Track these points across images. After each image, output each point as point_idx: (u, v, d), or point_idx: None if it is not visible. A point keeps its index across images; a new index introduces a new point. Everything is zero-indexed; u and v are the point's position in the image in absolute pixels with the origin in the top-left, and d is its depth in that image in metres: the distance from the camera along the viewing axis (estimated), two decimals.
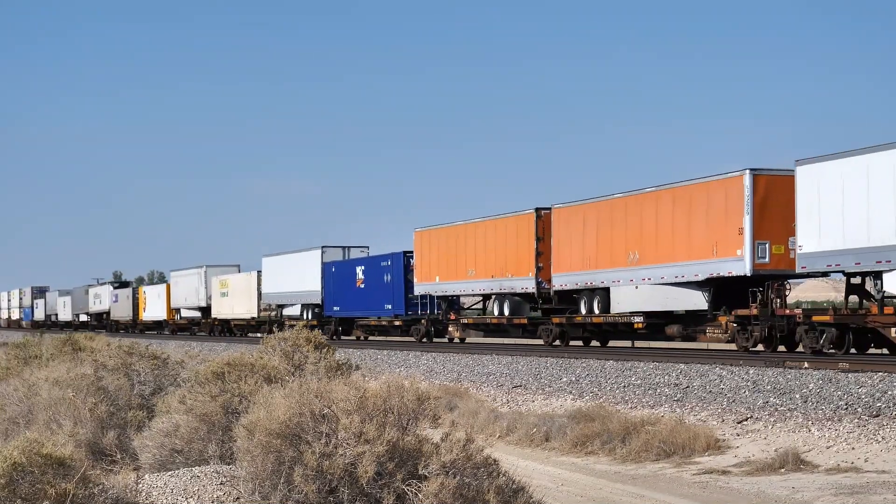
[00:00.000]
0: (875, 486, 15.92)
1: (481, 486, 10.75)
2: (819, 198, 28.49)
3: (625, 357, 31.17)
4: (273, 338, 17.47)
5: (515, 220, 42.26)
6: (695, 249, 32.90)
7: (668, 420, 21.64)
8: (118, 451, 14.93)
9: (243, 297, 69.88)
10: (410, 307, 50.85)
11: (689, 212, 33.25)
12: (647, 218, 35.07)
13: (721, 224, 31.85)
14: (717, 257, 31.91)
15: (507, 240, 42.54)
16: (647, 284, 35.22)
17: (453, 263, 46.26)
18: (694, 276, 32.91)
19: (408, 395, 11.17)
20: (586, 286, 38.24)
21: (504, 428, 23.54)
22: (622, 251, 36.24)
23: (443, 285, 47.23)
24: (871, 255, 27.07)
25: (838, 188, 27.92)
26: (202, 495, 11.76)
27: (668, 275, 34.11)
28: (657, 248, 34.53)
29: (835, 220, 28.03)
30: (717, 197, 32.05)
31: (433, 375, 34.48)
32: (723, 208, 31.82)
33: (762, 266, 30.82)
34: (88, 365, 19.95)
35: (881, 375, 22.00)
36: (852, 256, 27.64)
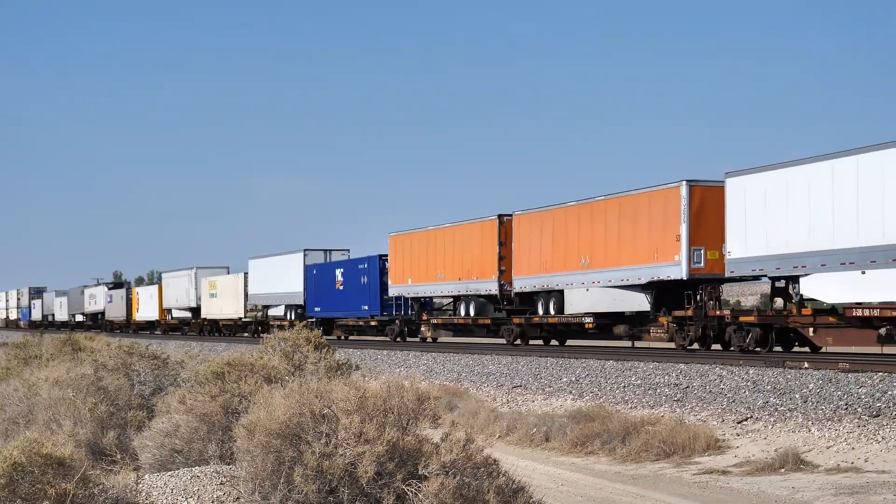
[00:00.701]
0: (875, 486, 15.93)
1: (481, 486, 10.75)
2: (745, 207, 30.94)
3: (625, 357, 31.18)
4: (273, 338, 17.49)
5: (480, 226, 44.78)
6: (638, 255, 35.12)
7: (668, 420, 21.64)
8: (118, 451, 14.93)
9: (231, 298, 72.10)
10: (386, 308, 53.04)
11: (634, 220, 35.53)
12: (597, 225, 37.39)
13: (661, 231, 34.10)
14: (658, 262, 34.18)
15: (473, 244, 45.04)
16: (597, 287, 37.48)
17: (424, 266, 48.56)
18: (638, 279, 35.20)
19: (408, 395, 11.17)
20: (543, 288, 40.59)
21: (504, 428, 23.54)
22: (575, 256, 38.62)
23: (415, 287, 49.59)
24: (790, 260, 29.51)
25: (762, 199, 30.45)
26: (202, 495, 11.76)
27: (615, 278, 36.43)
28: (606, 254, 36.88)
29: (759, 229, 30.46)
30: (658, 206, 34.32)
31: (433, 375, 34.49)
32: (662, 217, 34.07)
33: (698, 270, 33.05)
34: (88, 365, 19.95)
35: (881, 375, 22.01)
36: (774, 262, 30.07)
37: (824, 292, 29.07)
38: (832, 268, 28.35)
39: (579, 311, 38.93)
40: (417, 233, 49.94)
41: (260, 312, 68.63)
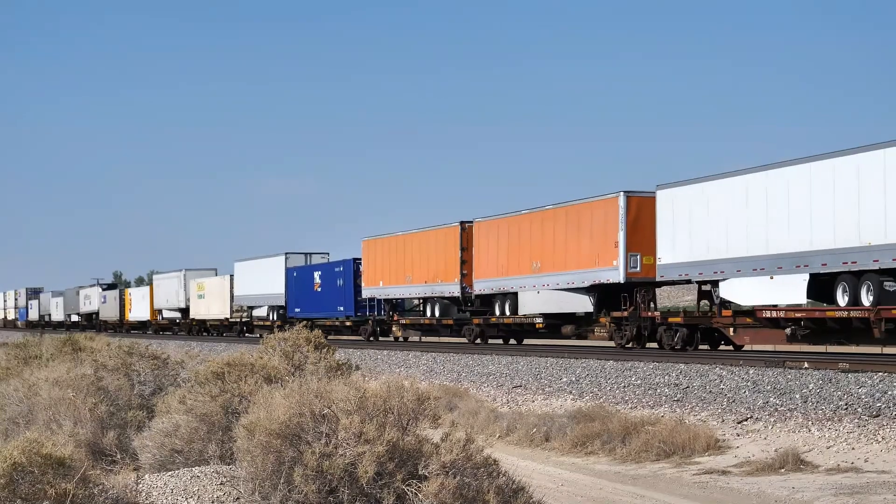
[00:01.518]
0: (875, 486, 15.93)
1: (481, 486, 10.75)
2: (673, 217, 33.85)
3: (625, 357, 31.19)
4: (273, 338, 17.49)
5: (444, 232, 47.44)
6: (582, 260, 37.84)
7: (668, 420, 21.64)
8: (118, 451, 14.94)
9: (218, 299, 74.59)
10: (360, 309, 55.82)
11: (578, 227, 38.28)
12: (547, 232, 40.14)
13: (601, 238, 36.80)
14: (599, 267, 36.84)
15: (438, 249, 47.67)
16: (547, 290, 40.10)
17: (395, 270, 51.41)
18: (582, 282, 37.92)
19: (408, 395, 11.17)
20: (500, 291, 43.42)
21: (504, 428, 23.54)
22: (527, 261, 41.22)
23: (386, 289, 52.42)
24: (710, 266, 32.31)
25: (687, 210, 33.33)
26: (202, 495, 11.77)
27: (562, 282, 39.12)
28: (554, 259, 39.52)
29: (684, 237, 33.37)
30: (599, 215, 37.08)
31: (433, 375, 34.49)
32: (603, 225, 36.75)
33: (634, 274, 35.75)
34: (88, 365, 19.97)
35: (881, 375, 22.00)
36: (697, 268, 32.89)
37: (740, 295, 31.61)
38: (746, 273, 30.89)
39: (531, 312, 41.59)
40: (388, 238, 52.76)
41: (245, 313, 71.33)
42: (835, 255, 27.90)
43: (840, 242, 27.72)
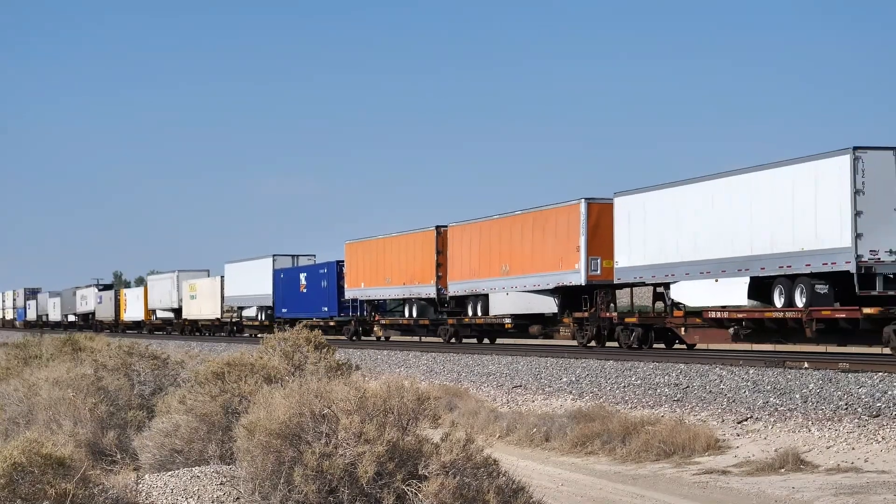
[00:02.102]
0: (875, 486, 15.93)
1: (481, 486, 10.75)
2: (629, 223, 35.82)
3: (625, 357, 31.20)
4: (273, 338, 17.49)
5: (421, 236, 49.65)
6: (547, 263, 39.80)
7: (668, 420, 21.64)
8: (118, 451, 14.94)
9: (209, 299, 76.96)
10: (343, 309, 58.20)
11: (544, 232, 40.25)
12: (515, 236, 42.18)
13: (565, 242, 38.81)
14: (562, 270, 38.85)
15: (415, 252, 49.90)
16: (515, 292, 42.42)
17: (375, 272, 53.76)
18: (547, 285, 40.01)
19: (408, 395, 11.17)
20: (472, 293, 45.66)
21: (504, 428, 23.54)
22: (497, 264, 43.33)
23: (367, 291, 54.83)
24: (662, 270, 34.31)
25: (641, 216, 35.35)
26: (202, 495, 11.77)
27: (529, 284, 41.18)
28: (522, 262, 41.56)
29: (639, 241, 35.36)
30: (562, 220, 39.11)
31: (433, 375, 34.50)
32: (566, 230, 38.81)
33: (594, 277, 37.72)
34: (88, 365, 19.96)
35: (881, 375, 22.01)
36: (650, 271, 34.93)
37: (688, 297, 34.01)
38: (694, 276, 33.09)
39: (501, 313, 43.99)
40: (369, 241, 55.23)
41: (235, 313, 73.70)
42: (772, 259, 29.91)
43: (777, 248, 29.74)
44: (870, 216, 27.52)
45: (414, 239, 50.35)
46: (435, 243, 48.17)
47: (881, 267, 27.59)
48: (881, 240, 27.56)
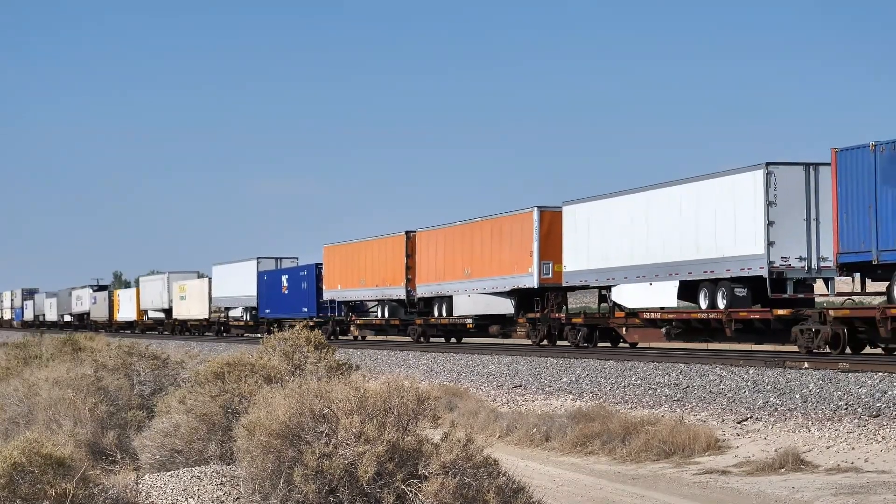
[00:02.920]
0: (875, 486, 15.92)
1: (481, 486, 10.75)
2: (575, 230, 38.59)
3: (625, 357, 31.20)
4: (273, 338, 17.49)
5: (392, 241, 52.47)
6: (504, 267, 42.44)
7: (668, 420, 21.63)
8: (118, 451, 14.94)
9: (198, 300, 79.80)
10: (321, 310, 60.67)
11: (501, 238, 42.92)
12: (476, 242, 45.00)
13: (519, 248, 41.40)
14: (518, 273, 41.48)
15: (387, 256, 52.72)
16: (476, 294, 45.26)
17: (351, 274, 56.64)
18: (504, 287, 42.76)
19: (408, 395, 11.17)
20: (438, 294, 48.37)
21: (504, 428, 23.53)
22: (460, 267, 46.02)
23: (343, 292, 57.77)
24: (604, 274, 37.07)
25: (586, 224, 38.07)
26: (202, 495, 11.77)
27: (488, 286, 43.95)
28: (482, 266, 44.28)
29: (584, 247, 38.06)
30: (517, 227, 41.77)
31: (433, 375, 34.49)
32: (520, 236, 41.43)
33: (546, 280, 40.32)
34: (88, 365, 19.96)
35: (881, 375, 22.00)
36: (594, 275, 37.72)
37: (627, 299, 36.33)
38: (631, 280, 35.74)
39: (464, 314, 46.87)
40: (345, 245, 58.26)
41: (222, 313, 76.72)
42: (698, 265, 32.68)
43: (701, 254, 32.50)
44: (781, 226, 30.22)
45: (385, 243, 53.15)
46: (405, 247, 50.88)
47: (791, 272, 30.34)
48: (791, 247, 30.25)
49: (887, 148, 26.39)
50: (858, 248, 27.28)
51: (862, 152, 27.08)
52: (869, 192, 26.83)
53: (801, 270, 30.38)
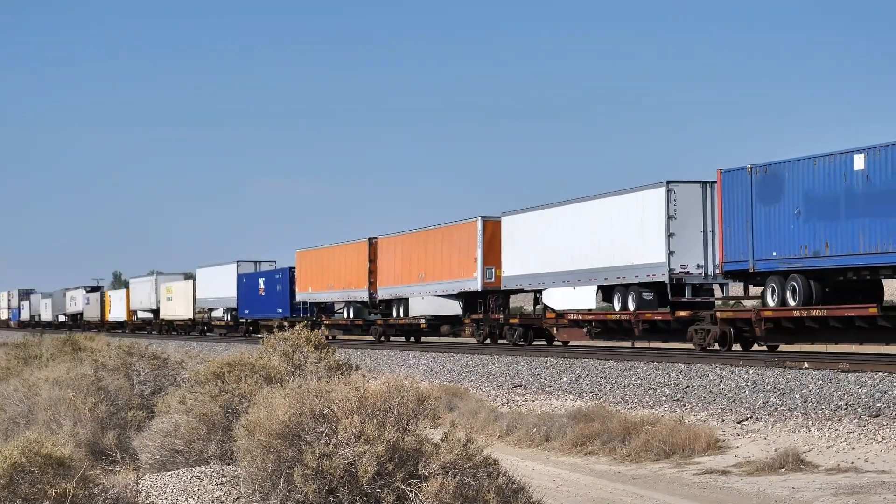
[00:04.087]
0: (875, 486, 15.93)
1: (481, 486, 10.75)
2: (512, 239, 42.49)
3: (625, 357, 31.19)
4: (273, 338, 17.47)
5: (356, 246, 56.08)
6: (453, 272, 46.27)
7: (668, 420, 21.63)
8: (118, 451, 14.94)
9: (183, 301, 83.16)
10: (295, 311, 63.71)
11: (450, 245, 46.64)
12: (429, 248, 48.59)
13: (466, 254, 45.29)
14: (464, 278, 45.38)
15: (352, 261, 56.40)
16: (429, 296, 48.84)
17: (320, 278, 60.19)
18: (452, 290, 46.64)
19: (408, 395, 11.17)
20: (396, 297, 52.10)
21: (504, 428, 23.53)
22: (416, 272, 49.77)
23: (314, 294, 61.36)
24: (536, 279, 40.87)
25: (520, 233, 42.07)
26: (202, 495, 11.77)
27: (439, 290, 47.70)
28: (434, 270, 47.95)
29: (519, 255, 41.96)
30: (464, 235, 45.65)
31: (433, 375, 34.49)
32: (466, 243, 45.29)
33: (489, 284, 44.10)
34: (88, 365, 19.95)
35: (881, 375, 21.99)
36: (528, 279, 41.56)
37: (555, 302, 39.89)
38: (558, 284, 39.37)
39: (418, 315, 50.52)
40: (315, 250, 62.01)
41: (206, 314, 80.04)
42: (612, 271, 36.47)
43: (615, 262, 36.25)
44: (681, 237, 33.90)
45: (351, 249, 56.88)
46: (367, 253, 54.61)
47: (689, 278, 34.16)
48: (690, 256, 33.96)
49: (760, 171, 30.30)
50: (739, 258, 31.13)
51: (741, 173, 30.91)
52: (746, 209, 30.72)
53: (698, 276, 34.09)
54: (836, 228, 27.94)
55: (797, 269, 29.27)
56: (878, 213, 26.81)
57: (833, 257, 28.14)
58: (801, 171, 29.06)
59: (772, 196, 29.96)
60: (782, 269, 29.73)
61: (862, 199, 27.20)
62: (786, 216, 29.46)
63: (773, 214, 29.83)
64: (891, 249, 26.61)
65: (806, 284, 29.09)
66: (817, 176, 28.56)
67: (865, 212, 27.17)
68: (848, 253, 27.69)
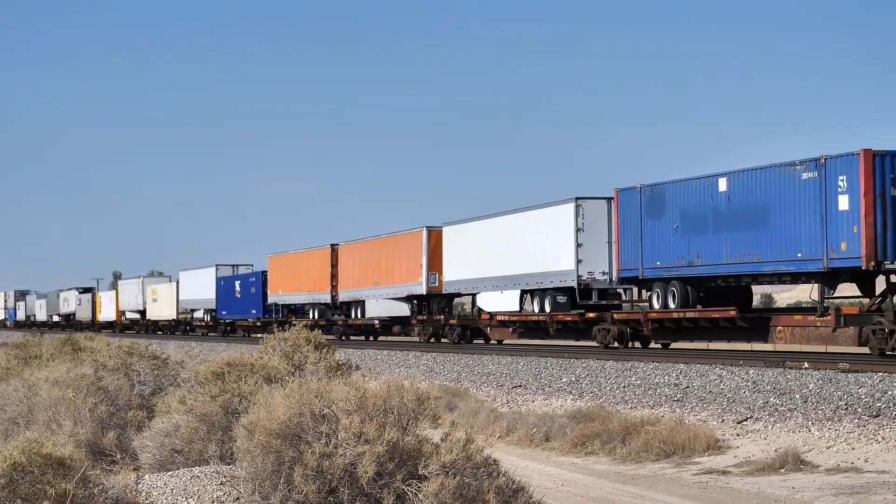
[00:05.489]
0: (875, 486, 15.92)
1: (481, 486, 10.75)
2: (452, 247, 47.21)
3: (625, 357, 31.18)
4: (273, 338, 17.48)
5: (321, 252, 60.94)
6: (402, 277, 51.12)
7: (668, 420, 21.62)
8: (118, 451, 14.93)
9: (167, 302, 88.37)
10: (267, 312, 68.77)
11: (400, 252, 51.55)
12: (382, 255, 53.47)
13: (413, 261, 50.09)
14: (412, 282, 50.16)
15: (316, 266, 61.17)
16: (382, 299, 53.74)
17: (289, 281, 64.91)
18: (402, 294, 51.53)
19: (408, 395, 11.17)
20: (355, 299, 57.46)
21: (504, 428, 23.52)
22: (371, 276, 54.87)
23: (284, 297, 66.19)
24: (471, 283, 45.73)
25: (458, 242, 46.78)
26: (202, 495, 11.77)
27: (391, 293, 52.60)
28: (386, 275, 52.88)
29: (457, 261, 46.66)
30: (411, 243, 50.50)
31: (433, 375, 34.47)
32: (413, 251, 50.10)
33: (433, 288, 48.91)
34: (88, 365, 19.94)
35: (881, 375, 21.99)
36: (465, 284, 46.48)
37: (487, 304, 44.81)
38: (489, 289, 44.14)
39: (373, 316, 55.40)
40: (284, 255, 66.89)
41: (189, 314, 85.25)
42: (532, 277, 40.88)
43: (534, 269, 40.63)
44: (588, 247, 38.43)
45: (316, 254, 61.54)
46: (330, 258, 59.41)
47: (596, 284, 38.65)
48: (596, 264, 38.38)
49: (648, 190, 34.78)
50: (631, 266, 35.63)
51: (633, 192, 35.42)
52: (637, 224, 35.27)
53: (603, 282, 38.57)
54: (706, 241, 32.32)
55: (676, 276, 33.82)
56: (737, 228, 31.07)
57: (704, 266, 32.56)
58: (679, 191, 33.56)
59: (656, 212, 34.44)
60: (664, 277, 34.24)
61: (725, 216, 31.50)
62: (667, 230, 33.90)
63: (658, 229, 34.26)
64: (748, 260, 30.86)
65: (683, 290, 33.62)
66: (690, 196, 32.96)
67: (728, 227, 31.44)
68: (715, 263, 32.06)
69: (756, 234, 30.38)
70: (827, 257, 28.21)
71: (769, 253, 30.12)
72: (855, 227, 27.52)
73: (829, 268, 28.26)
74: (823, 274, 28.70)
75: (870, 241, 27.12)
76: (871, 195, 27.19)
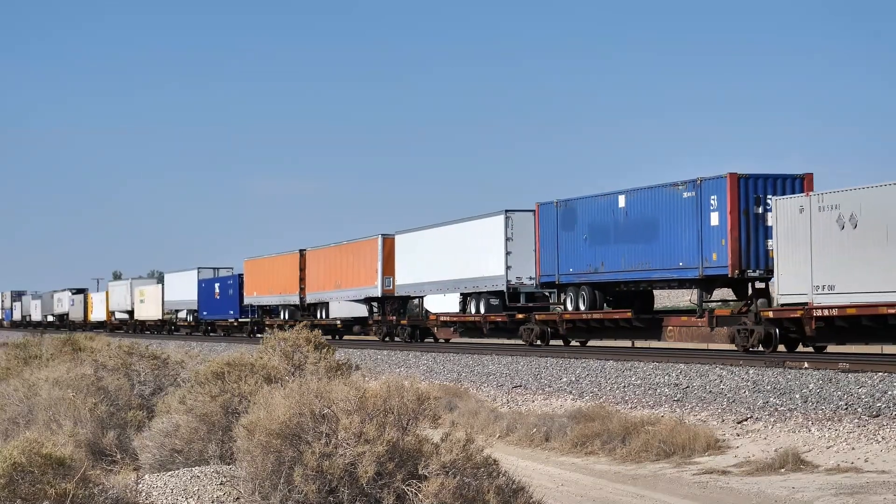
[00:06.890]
0: (875, 486, 15.92)
1: (481, 486, 10.75)
2: (403, 253, 51.70)
3: (625, 357, 31.19)
4: (273, 338, 17.48)
5: (290, 257, 65.18)
6: (361, 280, 55.42)
7: (668, 420, 21.62)
8: (118, 451, 14.93)
9: (154, 303, 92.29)
10: (244, 313, 73.48)
11: (358, 258, 55.78)
12: (344, 260, 57.78)
13: (369, 266, 54.46)
14: (368, 286, 54.51)
15: (287, 269, 65.40)
16: (343, 301, 58.58)
17: (263, 283, 69.55)
18: (360, 296, 56.07)
19: (408, 395, 11.17)
20: (320, 301, 62.06)
21: (504, 428, 23.52)
22: (334, 280, 59.10)
23: (258, 298, 70.68)
24: (419, 287, 49.93)
25: (408, 248, 51.27)
26: (202, 495, 11.77)
27: (350, 295, 57.10)
28: (347, 279, 57.11)
29: (408, 266, 51.01)
30: (367, 250, 54.95)
31: (433, 375, 34.47)
32: (370, 257, 54.48)
33: (387, 291, 53.07)
34: (88, 365, 19.96)
35: (881, 375, 22.00)
36: (414, 287, 50.49)
37: (433, 306, 49.04)
38: (434, 292, 48.55)
39: (336, 316, 60.22)
40: (258, 259, 71.35)
41: (173, 315, 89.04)
42: (469, 282, 45.29)
43: (471, 274, 45.07)
44: (516, 255, 42.39)
45: (286, 259, 65.67)
46: (299, 263, 63.53)
47: (523, 287, 42.69)
48: (524, 270, 42.04)
49: (563, 205, 39.28)
50: (550, 272, 39.91)
51: (550, 206, 39.86)
52: (554, 235, 39.65)
53: (530, 286, 42.29)
54: (609, 251, 36.85)
55: (585, 281, 38.26)
56: (633, 240, 35.60)
57: (607, 273, 37.26)
58: (588, 206, 38.06)
59: (569, 225, 38.79)
60: (576, 282, 38.71)
61: (623, 229, 36.03)
62: (578, 241, 38.37)
63: (571, 239, 38.69)
64: (641, 268, 35.45)
65: (592, 294, 38.13)
66: (597, 210, 37.51)
67: (625, 239, 36.01)
68: (616, 270, 36.66)
69: (648, 246, 34.90)
70: (702, 266, 32.73)
71: (658, 262, 34.66)
72: (723, 241, 31.89)
73: (704, 275, 32.82)
74: (700, 280, 33.40)
75: (735, 252, 31.60)
76: (737, 213, 31.72)
